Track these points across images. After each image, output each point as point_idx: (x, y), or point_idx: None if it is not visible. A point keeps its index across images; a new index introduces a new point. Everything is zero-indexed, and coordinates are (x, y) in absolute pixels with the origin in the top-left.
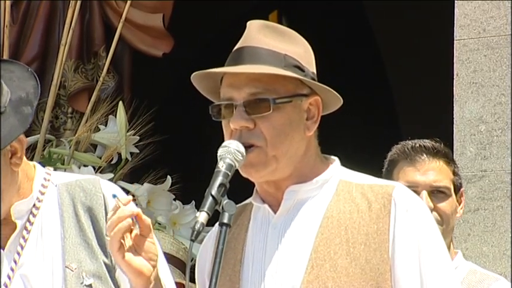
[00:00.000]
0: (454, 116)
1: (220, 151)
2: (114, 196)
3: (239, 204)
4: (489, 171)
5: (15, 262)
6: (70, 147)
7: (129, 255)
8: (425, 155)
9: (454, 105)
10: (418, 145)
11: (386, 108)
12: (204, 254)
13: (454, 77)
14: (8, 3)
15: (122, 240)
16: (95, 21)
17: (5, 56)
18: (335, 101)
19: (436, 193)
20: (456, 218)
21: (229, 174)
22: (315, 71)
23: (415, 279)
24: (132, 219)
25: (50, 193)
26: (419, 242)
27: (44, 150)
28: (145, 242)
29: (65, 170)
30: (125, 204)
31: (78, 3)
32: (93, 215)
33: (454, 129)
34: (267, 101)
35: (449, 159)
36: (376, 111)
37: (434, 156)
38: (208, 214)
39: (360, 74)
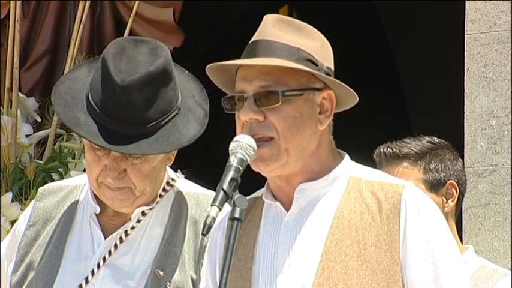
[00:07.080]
0: (465, 111)
1: (232, 146)
2: None
3: (249, 197)
4: (500, 166)
5: (109, 253)
6: (81, 142)
7: None
8: (385, 162)
9: (465, 99)
10: (380, 151)
11: (397, 103)
12: (214, 245)
13: (465, 71)
14: None
15: None
16: (106, 16)
17: (16, 50)
18: (350, 97)
19: None
20: (446, 212)
21: (241, 169)
22: (331, 66)
23: (429, 279)
24: None
25: (168, 198)
26: (431, 242)
27: (54, 144)
28: None
29: (75, 165)
30: None
31: None
32: (197, 229)
33: (465, 123)
34: (276, 93)
35: (416, 159)
36: (386, 107)
37: (393, 162)
38: (219, 209)
39: (371, 69)
